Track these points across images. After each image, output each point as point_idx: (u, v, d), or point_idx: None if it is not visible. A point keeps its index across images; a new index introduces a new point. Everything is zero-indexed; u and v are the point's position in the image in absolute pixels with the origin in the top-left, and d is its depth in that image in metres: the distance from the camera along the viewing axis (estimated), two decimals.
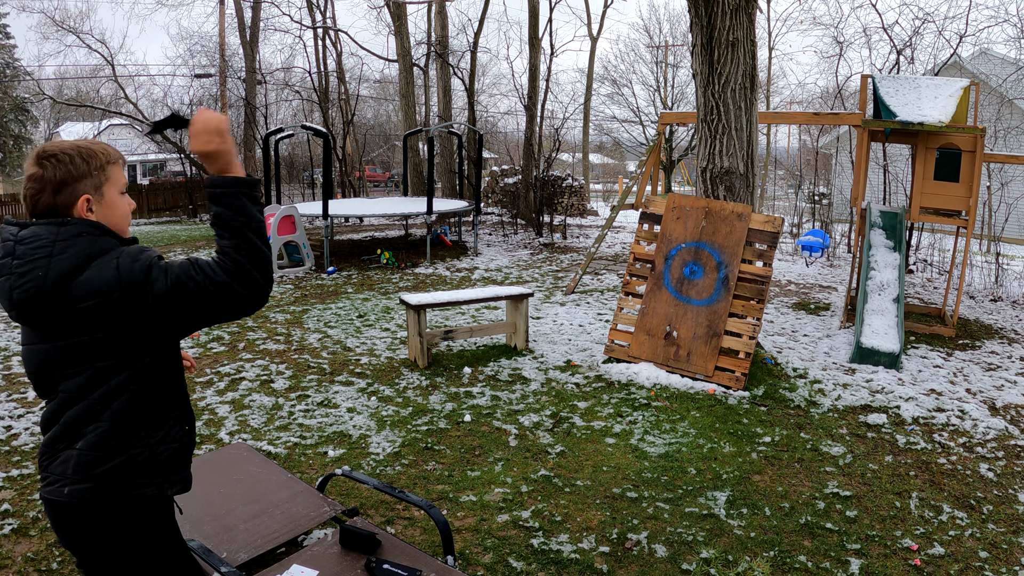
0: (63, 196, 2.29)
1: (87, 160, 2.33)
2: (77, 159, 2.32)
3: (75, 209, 2.31)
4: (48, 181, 2.28)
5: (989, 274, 14.76)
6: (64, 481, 2.29)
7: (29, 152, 2.44)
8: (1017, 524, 4.96)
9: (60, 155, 2.30)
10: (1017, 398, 7.63)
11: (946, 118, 9.78)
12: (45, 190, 2.29)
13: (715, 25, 7.73)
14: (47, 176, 2.28)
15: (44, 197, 2.29)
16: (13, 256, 2.24)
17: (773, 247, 7.87)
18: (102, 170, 2.37)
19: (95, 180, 2.35)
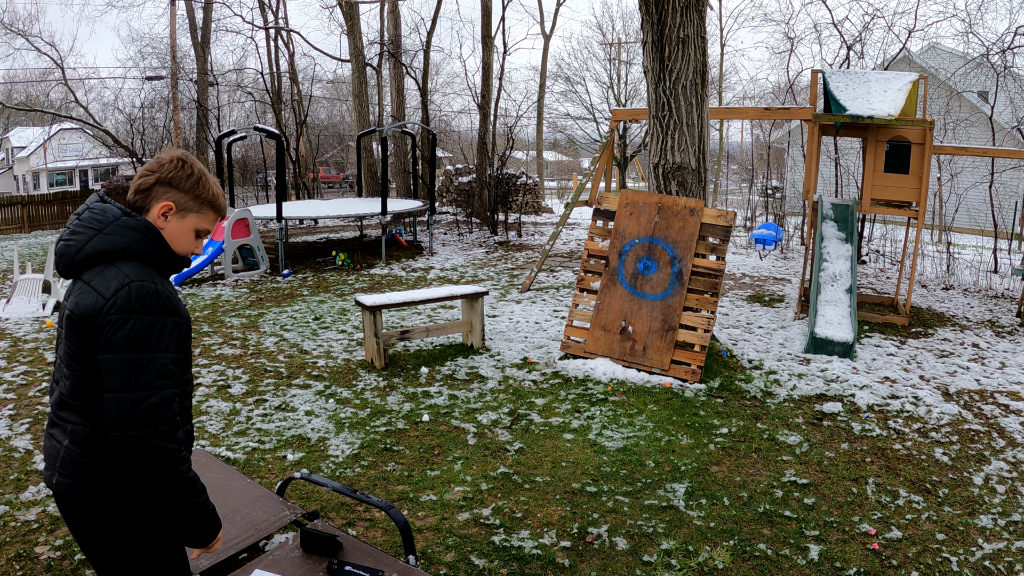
0: (159, 191, 2.44)
1: (201, 187, 2.49)
2: (195, 178, 2.48)
3: (152, 209, 2.44)
4: (162, 174, 2.43)
5: (940, 263, 15.03)
6: (52, 471, 2.41)
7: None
8: (972, 506, 5.06)
9: (187, 166, 2.47)
10: (970, 383, 7.77)
11: (895, 111, 9.93)
12: (152, 175, 2.43)
13: (666, 22, 7.78)
14: (166, 168, 2.44)
15: (147, 180, 2.43)
16: (79, 217, 2.40)
17: (726, 241, 7.94)
18: (202, 203, 2.50)
19: (189, 204, 2.48)
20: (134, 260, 2.36)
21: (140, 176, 2.45)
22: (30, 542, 4.42)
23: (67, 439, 2.37)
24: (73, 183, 46.81)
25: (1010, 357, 8.84)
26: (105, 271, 2.31)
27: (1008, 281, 13.86)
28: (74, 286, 2.39)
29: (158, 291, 2.31)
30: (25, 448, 5.85)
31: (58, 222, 27.35)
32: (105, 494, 2.38)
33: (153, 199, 2.44)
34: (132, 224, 2.38)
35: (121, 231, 2.36)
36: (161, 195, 2.44)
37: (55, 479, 2.40)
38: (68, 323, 2.32)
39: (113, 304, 2.25)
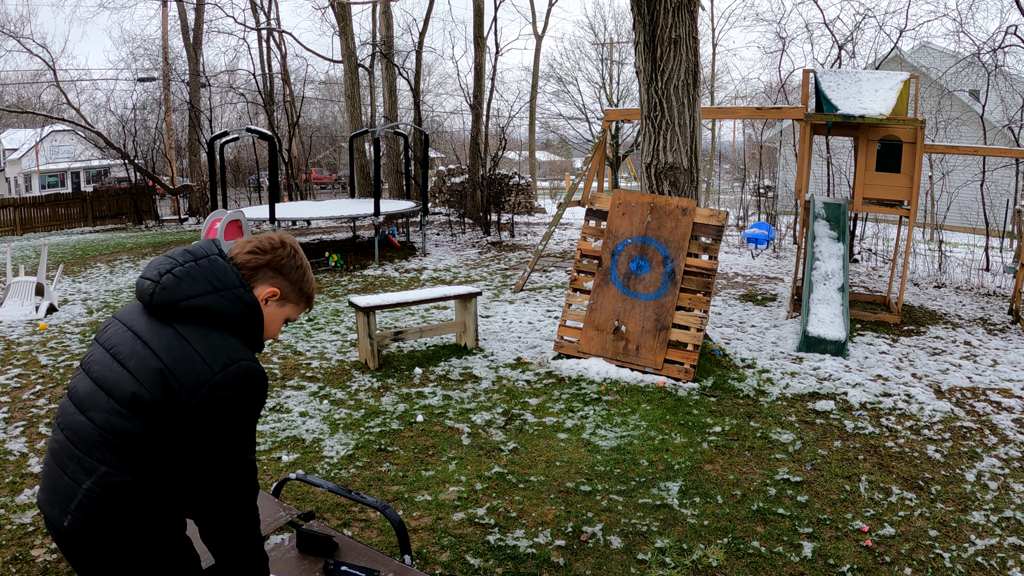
0: (267, 273, 2.45)
1: (305, 280, 2.54)
2: (302, 271, 2.52)
3: (260, 289, 2.44)
4: (274, 258, 2.46)
5: (933, 261, 15.10)
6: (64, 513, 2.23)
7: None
8: (965, 502, 5.09)
9: (297, 256, 2.51)
10: (962, 381, 7.81)
11: (887, 111, 9.97)
12: (265, 256, 2.44)
13: (658, 23, 7.80)
14: (279, 254, 2.47)
15: (257, 258, 2.44)
16: (196, 261, 2.34)
17: (718, 240, 7.97)
18: (301, 295, 2.55)
19: (292, 295, 2.52)
20: (238, 335, 2.35)
21: (249, 253, 2.44)
22: (26, 545, 4.42)
23: (91, 481, 2.20)
24: (65, 185, 46.72)
25: (1002, 355, 8.88)
26: (211, 336, 2.27)
27: (1000, 279, 13.92)
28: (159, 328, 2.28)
29: (262, 373, 2.31)
30: (20, 451, 5.84)
31: (50, 224, 27.28)
32: (124, 542, 2.25)
33: (260, 280, 2.44)
34: (247, 299, 2.37)
35: (236, 302, 2.34)
36: (269, 279, 2.45)
37: (67, 521, 2.21)
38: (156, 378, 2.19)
39: (222, 380, 2.21)
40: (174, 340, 2.23)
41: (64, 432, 2.30)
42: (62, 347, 8.88)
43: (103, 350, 2.33)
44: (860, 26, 20.46)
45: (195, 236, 20.99)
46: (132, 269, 15.34)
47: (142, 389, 2.18)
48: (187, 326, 2.26)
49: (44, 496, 2.31)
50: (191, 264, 2.32)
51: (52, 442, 2.35)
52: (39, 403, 6.96)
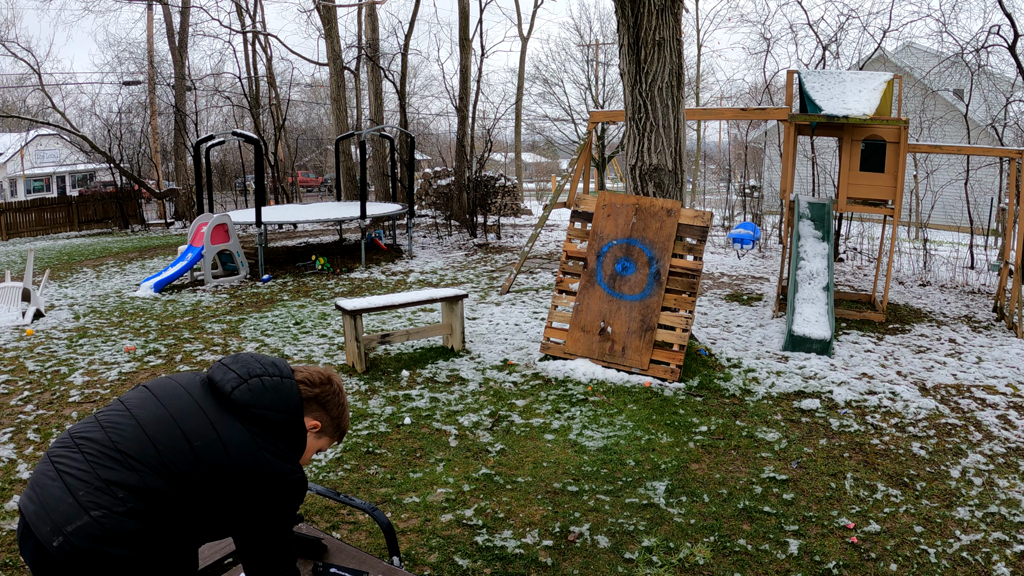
0: (313, 406, 2.63)
1: (343, 417, 2.74)
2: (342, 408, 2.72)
3: (306, 419, 2.61)
4: (321, 392, 2.65)
5: (917, 260, 15.20)
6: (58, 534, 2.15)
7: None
8: (950, 499, 5.14)
9: (342, 395, 2.72)
10: (947, 378, 7.87)
11: (870, 111, 10.04)
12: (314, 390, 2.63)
13: (642, 25, 7.84)
14: (327, 391, 2.66)
15: (308, 392, 2.62)
16: (281, 378, 2.56)
17: (703, 241, 8.01)
18: (336, 430, 2.74)
19: (330, 429, 2.71)
20: (285, 442, 2.51)
21: (301, 383, 2.60)
22: (16, 551, 4.42)
23: (102, 513, 2.15)
24: (51, 189, 46.46)
25: (986, 352, 8.95)
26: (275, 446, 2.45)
27: (984, 277, 14.02)
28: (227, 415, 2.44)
29: (307, 484, 2.53)
30: (8, 457, 5.83)
31: (35, 229, 27.18)
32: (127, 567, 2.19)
33: (307, 411, 2.60)
34: (299, 423, 2.55)
35: (294, 424, 2.53)
36: (314, 411, 2.62)
37: (57, 541, 2.13)
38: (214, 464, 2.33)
39: (281, 487, 2.40)
40: (246, 439, 2.40)
41: (85, 455, 2.26)
42: (49, 353, 8.86)
43: (161, 406, 2.42)
44: (844, 27, 20.58)
45: (181, 240, 20.92)
46: (118, 274, 15.30)
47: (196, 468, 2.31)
48: (256, 429, 2.45)
49: (32, 508, 2.21)
50: (277, 379, 2.54)
51: (62, 457, 2.27)
52: (27, 409, 6.94)
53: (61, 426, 6.50)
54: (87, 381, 7.77)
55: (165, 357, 8.69)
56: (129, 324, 10.32)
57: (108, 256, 18.42)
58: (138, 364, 8.43)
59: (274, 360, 2.63)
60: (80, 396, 7.29)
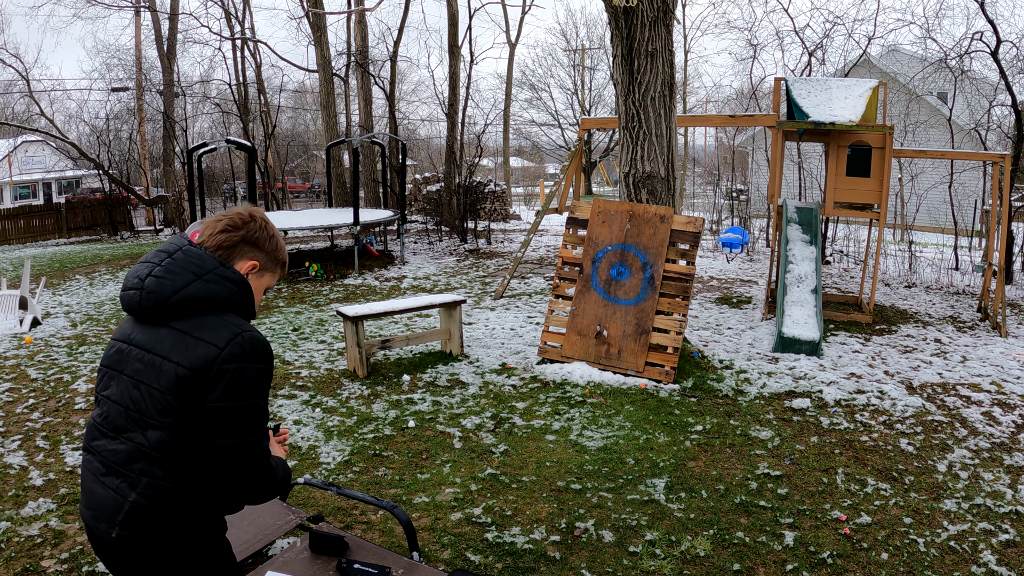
0: (243, 248, 2.51)
1: (278, 248, 2.62)
2: (275, 242, 2.60)
3: (240, 264, 2.51)
4: (248, 232, 2.52)
5: (903, 262, 15.45)
6: (112, 524, 2.36)
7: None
8: (937, 492, 5.36)
9: (268, 226, 2.59)
10: (933, 377, 8.10)
11: (856, 117, 10.27)
12: (239, 232, 2.51)
13: (635, 36, 8.04)
14: (252, 228, 2.53)
15: (230, 236, 2.49)
16: (170, 256, 2.41)
17: (695, 246, 8.21)
18: (277, 263, 2.63)
19: (268, 264, 2.60)
20: (232, 312, 2.44)
21: (222, 231, 2.49)
22: (36, 556, 4.53)
23: (135, 493, 2.33)
24: (37, 196, 46.37)
25: (971, 351, 9.18)
26: (207, 321, 2.36)
27: (969, 277, 14.28)
28: (156, 332, 2.39)
29: (265, 341, 2.40)
30: (20, 464, 5.94)
31: (24, 236, 27.12)
32: (174, 545, 2.38)
33: (239, 256, 2.51)
34: (231, 276, 2.44)
35: (221, 281, 2.41)
36: (246, 253, 2.52)
37: (115, 533, 2.34)
38: (177, 381, 2.29)
39: (230, 354, 2.30)
40: (176, 338, 2.33)
41: (97, 455, 2.43)
42: (50, 360, 8.97)
43: (118, 374, 2.44)
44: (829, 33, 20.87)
45: None
46: (112, 281, 15.39)
47: (166, 397, 2.30)
48: (182, 320, 2.36)
49: (88, 512, 2.42)
50: (167, 260, 2.40)
51: (87, 462, 2.47)
52: (33, 416, 7.06)
53: (69, 433, 6.62)
54: (91, 388, 7.88)
55: None
56: None
57: (100, 263, 18.49)
58: None
59: (160, 246, 2.49)
60: (85, 403, 7.41)
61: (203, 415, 2.30)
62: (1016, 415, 6.97)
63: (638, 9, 7.91)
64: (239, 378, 2.29)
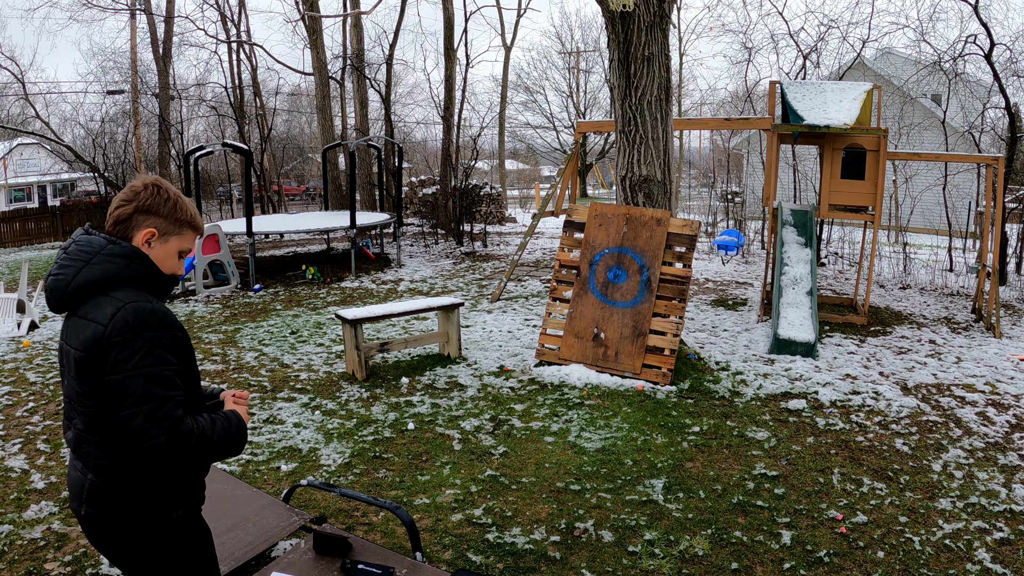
0: (138, 219, 2.51)
1: (179, 210, 2.57)
2: (172, 202, 2.56)
3: (136, 236, 2.52)
4: (139, 203, 2.51)
5: (897, 263, 15.53)
6: (79, 502, 2.51)
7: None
8: (932, 491, 5.43)
9: (163, 191, 2.55)
10: (927, 378, 8.17)
11: (851, 120, 10.35)
12: (130, 205, 2.50)
13: (631, 41, 8.10)
14: (143, 196, 2.51)
15: (125, 209, 2.50)
16: (65, 251, 2.48)
17: (691, 249, 8.27)
18: (181, 225, 2.59)
19: (170, 227, 2.57)
20: (127, 286, 2.44)
21: (117, 206, 2.51)
22: (39, 559, 4.56)
23: (90, 472, 2.47)
24: (32, 199, 46.32)
25: (965, 352, 9.25)
26: (99, 301, 2.40)
27: (963, 279, 14.37)
28: (69, 323, 2.48)
29: (154, 308, 2.39)
30: (21, 468, 5.96)
31: (19, 239, 27.09)
32: (134, 520, 2.49)
33: (134, 227, 2.52)
34: (119, 251, 2.45)
35: (109, 259, 2.43)
36: (142, 223, 2.52)
37: (83, 510, 2.50)
38: (75, 365, 2.40)
39: (113, 328, 2.33)
40: (76, 325, 2.42)
41: (68, 444, 2.58)
42: (48, 364, 8.99)
43: (63, 369, 2.56)
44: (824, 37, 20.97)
45: None
46: None
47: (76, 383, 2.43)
48: (82, 307, 2.42)
49: (69, 494, 2.60)
50: (63, 256, 2.47)
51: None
52: (34, 420, 7.09)
53: None
54: None
55: None
56: None
57: None
58: None
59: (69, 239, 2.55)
60: None
61: (104, 392, 2.36)
62: (1010, 415, 7.04)
63: (635, 14, 7.97)
64: (124, 349, 2.31)
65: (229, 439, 2.51)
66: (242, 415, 2.64)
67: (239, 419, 2.58)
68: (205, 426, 2.44)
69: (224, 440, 2.49)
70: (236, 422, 2.56)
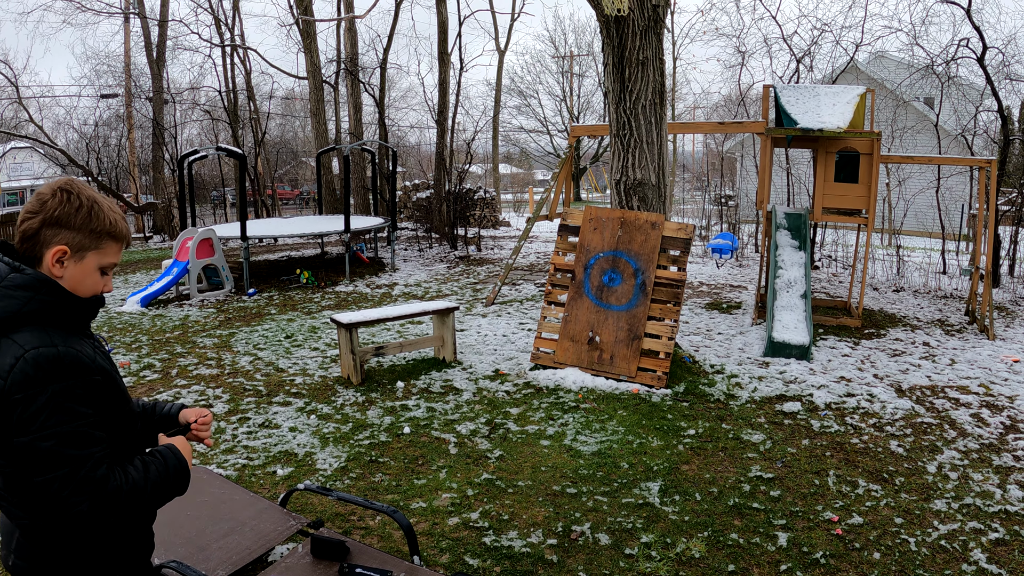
0: (47, 234, 2.13)
1: (94, 219, 2.18)
2: (85, 210, 2.16)
3: (45, 256, 2.14)
4: (45, 212, 2.12)
5: (891, 266, 15.58)
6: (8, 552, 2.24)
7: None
8: (928, 492, 5.45)
9: (75, 196, 2.15)
10: (921, 380, 8.19)
11: (844, 124, 10.39)
12: (37, 217, 2.13)
13: (626, 45, 8.12)
14: (49, 206, 2.13)
15: (32, 224, 2.13)
16: None
17: (686, 252, 8.30)
18: (100, 236, 2.20)
19: (86, 240, 2.18)
20: (29, 324, 2.06)
21: (23, 219, 2.12)
22: None
23: (17, 531, 2.19)
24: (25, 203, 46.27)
25: (959, 354, 9.28)
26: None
27: (956, 281, 14.41)
28: None
29: (59, 354, 2.03)
30: None
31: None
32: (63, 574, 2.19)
33: (43, 244, 2.13)
34: (20, 282, 2.06)
35: (9, 294, 2.05)
36: (51, 239, 2.13)
37: (11, 560, 2.21)
38: None
39: (12, 383, 1.97)
40: None
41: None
42: None
43: None
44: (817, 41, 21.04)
45: (162, 254, 20.95)
46: None
47: None
48: None
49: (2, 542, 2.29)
50: None
51: None
52: None
53: None
54: None
55: (160, 372, 8.84)
56: (120, 339, 10.46)
57: None
58: (134, 379, 8.58)
59: None
60: None
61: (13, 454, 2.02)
62: (1004, 416, 7.07)
63: (629, 18, 8.00)
64: (28, 407, 1.97)
65: (167, 483, 2.23)
66: (182, 448, 2.34)
67: (176, 457, 2.28)
68: (136, 477, 2.13)
69: (160, 485, 2.20)
70: (173, 462, 2.26)
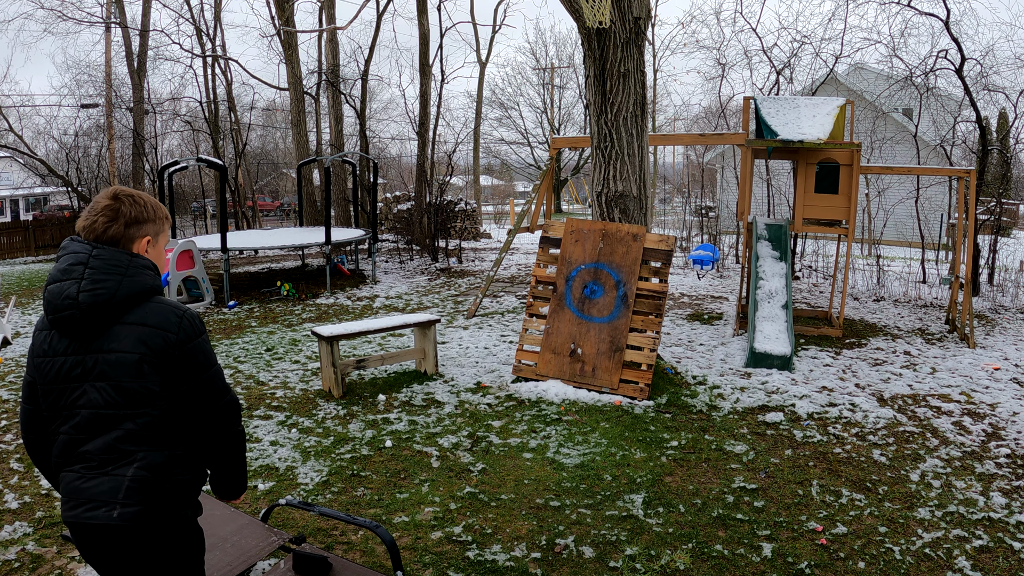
0: (131, 231, 2.65)
1: (156, 210, 2.73)
2: (150, 206, 2.71)
3: (136, 245, 2.67)
4: (123, 215, 2.63)
5: (871, 276, 15.66)
6: (112, 505, 2.51)
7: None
8: (911, 500, 5.47)
9: (137, 198, 2.69)
10: (903, 389, 8.23)
11: (824, 135, 10.45)
12: (118, 221, 2.62)
13: (607, 57, 8.13)
14: (123, 211, 2.63)
15: (115, 228, 2.62)
16: (86, 266, 2.55)
17: (667, 264, 8.31)
18: (163, 222, 2.77)
19: (157, 228, 2.74)
20: (157, 294, 2.64)
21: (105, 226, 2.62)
22: None
23: (133, 469, 2.54)
24: (4, 213, 45.89)
25: (940, 363, 9.33)
26: (146, 308, 2.58)
27: (936, 290, 14.51)
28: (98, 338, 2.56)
29: (197, 312, 2.67)
30: None
31: None
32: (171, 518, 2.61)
33: (127, 241, 2.65)
34: (142, 264, 2.64)
35: (141, 272, 2.61)
36: (135, 234, 2.66)
37: (116, 512, 2.50)
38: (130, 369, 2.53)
39: (183, 335, 2.59)
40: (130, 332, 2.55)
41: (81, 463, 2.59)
42: (22, 381, 8.85)
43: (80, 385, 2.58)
44: (797, 53, 21.13)
45: None
46: None
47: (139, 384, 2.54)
48: (128, 314, 2.57)
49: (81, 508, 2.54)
50: (88, 271, 2.55)
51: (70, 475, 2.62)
52: (7, 439, 7.01)
53: None
54: None
55: None
56: None
57: None
58: None
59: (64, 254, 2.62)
60: None
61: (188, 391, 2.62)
62: (986, 424, 7.10)
63: (611, 30, 8.02)
64: (201, 350, 2.64)
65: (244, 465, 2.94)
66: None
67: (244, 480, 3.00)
68: None
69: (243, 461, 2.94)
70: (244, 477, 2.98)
